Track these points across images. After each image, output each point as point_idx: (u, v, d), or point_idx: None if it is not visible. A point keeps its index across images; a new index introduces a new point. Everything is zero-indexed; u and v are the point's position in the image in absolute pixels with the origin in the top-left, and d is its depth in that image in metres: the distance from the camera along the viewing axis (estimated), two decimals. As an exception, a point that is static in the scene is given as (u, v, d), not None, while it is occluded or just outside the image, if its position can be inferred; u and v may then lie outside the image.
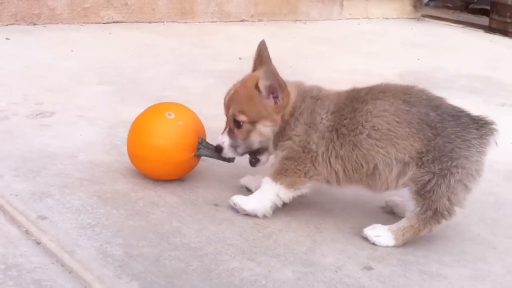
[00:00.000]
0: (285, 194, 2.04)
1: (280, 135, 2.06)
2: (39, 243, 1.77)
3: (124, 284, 1.62)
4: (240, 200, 2.06)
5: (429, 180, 1.90)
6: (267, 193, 2.04)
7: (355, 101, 2.01)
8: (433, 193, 1.90)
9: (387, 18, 7.46)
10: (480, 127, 1.93)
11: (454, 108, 1.99)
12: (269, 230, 2.00)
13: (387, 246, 1.95)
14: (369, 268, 1.83)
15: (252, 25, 6.02)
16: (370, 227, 2.00)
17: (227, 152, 2.10)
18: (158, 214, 2.02)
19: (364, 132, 1.95)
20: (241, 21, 5.96)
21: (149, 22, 5.20)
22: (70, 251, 1.74)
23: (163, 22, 5.29)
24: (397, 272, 1.83)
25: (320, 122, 2.01)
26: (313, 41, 5.70)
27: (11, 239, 1.77)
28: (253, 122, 2.05)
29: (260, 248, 1.88)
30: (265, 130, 2.06)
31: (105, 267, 1.69)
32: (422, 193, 1.91)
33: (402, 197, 2.10)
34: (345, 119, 1.99)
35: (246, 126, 2.05)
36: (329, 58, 5.03)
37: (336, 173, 2.01)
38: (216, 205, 2.13)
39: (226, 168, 2.35)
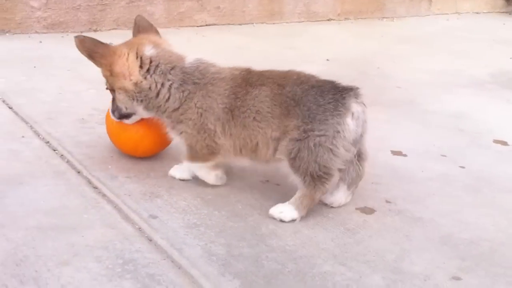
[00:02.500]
0: (206, 167, 2.30)
1: (150, 103, 2.26)
2: (151, 240, 1.97)
3: (227, 282, 1.79)
4: (173, 170, 2.38)
5: (293, 148, 2.10)
6: (192, 169, 2.34)
7: (248, 85, 2.19)
8: (300, 159, 2.10)
9: (477, 13, 7.27)
10: (337, 92, 2.10)
11: (319, 80, 2.18)
12: (359, 236, 2.10)
13: (292, 220, 2.14)
14: (458, 279, 1.90)
15: (338, 23, 6.07)
16: (274, 207, 2.17)
17: (112, 116, 2.38)
18: (256, 216, 2.18)
19: (252, 115, 2.15)
20: (328, 20, 6.03)
21: (240, 24, 5.39)
22: (179, 249, 1.92)
23: (253, 24, 5.47)
24: (485, 283, 1.88)
25: (217, 106, 2.19)
26: (401, 39, 5.67)
27: (127, 235, 1.98)
28: (112, 90, 2.32)
29: (350, 253, 1.99)
30: (119, 97, 2.29)
31: (210, 265, 1.86)
32: (292, 162, 2.12)
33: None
34: (239, 101, 2.18)
35: (112, 93, 2.33)
36: (417, 57, 5.00)
37: (229, 148, 2.22)
38: (308, 210, 2.26)
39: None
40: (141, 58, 2.23)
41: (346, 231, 2.13)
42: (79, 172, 2.39)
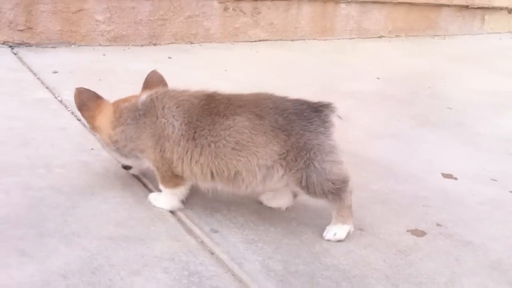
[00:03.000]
0: (178, 192, 2.34)
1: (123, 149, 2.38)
2: (212, 254, 2.11)
3: (285, 297, 1.90)
4: (153, 198, 2.39)
5: (302, 177, 2.18)
6: (166, 195, 2.36)
7: (214, 115, 2.22)
8: (312, 185, 2.18)
9: (531, 32, 7.18)
10: (320, 113, 2.20)
11: (295, 104, 2.23)
12: (410, 258, 2.19)
13: (348, 233, 2.26)
14: (507, 304, 1.96)
15: (389, 41, 6.12)
16: (327, 231, 2.27)
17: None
18: (310, 235, 2.29)
19: (229, 145, 2.18)
20: (379, 37, 6.10)
21: (292, 40, 5.53)
22: (239, 263, 2.05)
23: (304, 40, 5.60)
24: (535, 311, 1.94)
25: (173, 132, 2.24)
26: (452, 58, 5.68)
27: (191, 248, 2.12)
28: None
29: (402, 275, 2.07)
30: (107, 149, 2.52)
31: (268, 280, 1.98)
32: (307, 190, 2.20)
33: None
34: (203, 130, 2.20)
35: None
36: (468, 77, 5.02)
37: (197, 175, 2.25)
38: (361, 229, 2.36)
39: (370, 194, 2.57)
40: (117, 112, 2.39)
41: (397, 252, 2.22)
42: (144, 185, 2.55)
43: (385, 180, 2.83)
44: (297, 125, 2.19)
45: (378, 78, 4.71)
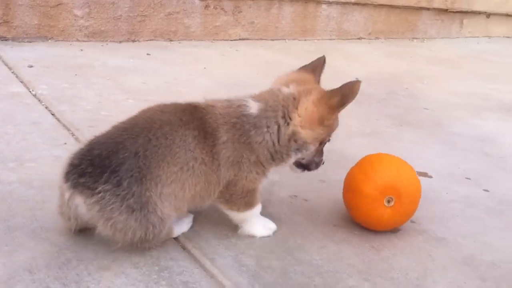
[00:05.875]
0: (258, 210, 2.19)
1: None
2: (184, 249, 2.08)
3: (257, 292, 1.89)
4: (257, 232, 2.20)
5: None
6: (257, 218, 2.21)
7: None
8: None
9: (508, 37, 7.27)
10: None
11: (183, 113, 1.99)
12: (384, 254, 2.18)
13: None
14: (478, 299, 1.97)
15: (369, 43, 6.16)
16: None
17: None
18: (284, 230, 2.27)
19: None
20: (359, 38, 6.12)
21: (272, 40, 5.53)
22: (211, 258, 2.03)
23: (285, 40, 5.60)
24: (505, 306, 1.95)
25: None
26: (430, 60, 5.73)
27: (162, 244, 2.09)
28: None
29: (375, 270, 2.07)
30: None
31: (240, 275, 1.96)
32: None
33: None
34: None
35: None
36: (446, 79, 5.06)
37: None
38: (335, 225, 2.35)
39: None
40: None
41: (371, 248, 2.22)
42: (117, 180, 2.51)
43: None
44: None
45: (357, 79, 4.72)
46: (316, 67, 2.20)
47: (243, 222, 2.18)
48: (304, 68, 2.23)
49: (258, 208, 2.18)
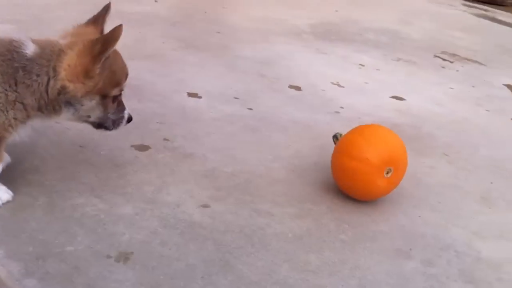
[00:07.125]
0: None
1: None
2: None
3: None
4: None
5: None
6: None
7: None
8: None
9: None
10: None
11: None
12: (124, 171, 2.19)
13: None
14: (206, 206, 2.06)
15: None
16: None
17: None
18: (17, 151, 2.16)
19: None
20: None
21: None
22: None
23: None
24: (229, 210, 2.06)
25: None
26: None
27: None
28: None
29: (110, 187, 2.08)
30: None
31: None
32: None
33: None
34: None
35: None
36: (248, 5, 5.13)
37: None
38: (81, 146, 2.31)
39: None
40: None
41: (113, 166, 2.21)
42: None
43: (128, 99, 2.79)
44: None
45: (156, 1, 4.63)
46: (99, 17, 2.07)
47: None
48: (88, 20, 2.08)
49: None
